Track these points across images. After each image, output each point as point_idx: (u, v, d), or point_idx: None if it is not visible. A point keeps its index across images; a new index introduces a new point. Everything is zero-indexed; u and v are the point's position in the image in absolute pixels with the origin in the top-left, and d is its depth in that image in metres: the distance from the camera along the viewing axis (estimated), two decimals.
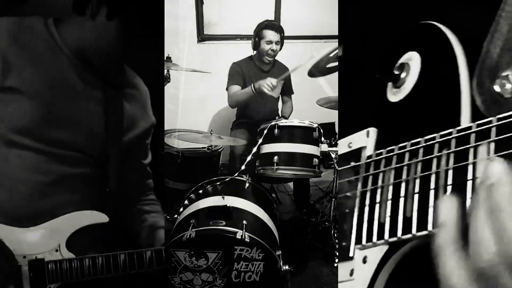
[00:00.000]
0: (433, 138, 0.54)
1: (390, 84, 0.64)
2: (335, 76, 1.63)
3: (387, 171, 0.59)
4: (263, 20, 2.42)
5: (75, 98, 0.89)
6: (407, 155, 0.57)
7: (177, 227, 1.50)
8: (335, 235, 1.91)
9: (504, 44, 0.54)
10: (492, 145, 0.46)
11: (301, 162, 1.69)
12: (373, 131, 0.65)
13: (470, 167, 0.48)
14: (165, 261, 0.95)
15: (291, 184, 2.74)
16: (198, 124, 2.89)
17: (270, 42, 2.36)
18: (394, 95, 0.64)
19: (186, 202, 1.72)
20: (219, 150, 2.25)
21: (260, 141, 1.77)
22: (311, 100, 2.26)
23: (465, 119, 0.55)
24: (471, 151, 0.49)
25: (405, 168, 0.57)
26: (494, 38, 0.55)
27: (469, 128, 0.50)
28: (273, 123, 1.74)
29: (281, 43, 2.40)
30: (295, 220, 2.46)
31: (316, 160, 1.69)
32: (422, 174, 0.54)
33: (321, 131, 1.76)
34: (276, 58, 2.54)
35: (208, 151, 2.07)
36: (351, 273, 0.59)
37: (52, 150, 0.86)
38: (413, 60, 0.63)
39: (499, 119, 0.47)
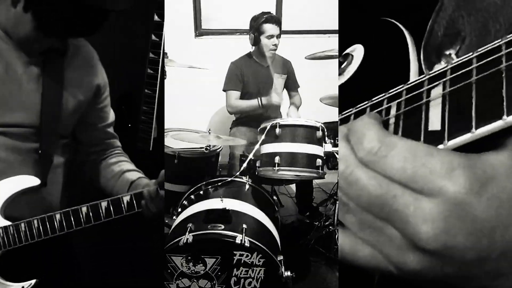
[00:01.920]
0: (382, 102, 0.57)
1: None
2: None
3: None
4: (259, 12, 2.43)
5: (15, 80, 0.94)
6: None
7: (174, 231, 1.50)
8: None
9: (448, 24, 0.59)
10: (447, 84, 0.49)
11: (303, 162, 1.69)
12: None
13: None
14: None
15: (293, 186, 2.74)
16: (196, 123, 2.89)
17: (272, 36, 2.36)
18: (339, 80, 0.74)
19: (182, 205, 1.72)
20: (218, 150, 2.25)
21: (260, 140, 1.77)
22: (315, 98, 2.26)
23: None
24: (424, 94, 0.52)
25: None
26: (439, 17, 0.60)
27: (421, 79, 0.52)
28: (274, 121, 1.74)
29: (280, 35, 2.42)
30: (298, 223, 2.46)
31: (320, 160, 1.69)
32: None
33: (325, 130, 1.76)
34: (278, 53, 2.54)
35: (206, 152, 2.07)
36: None
37: None
38: (356, 50, 0.70)
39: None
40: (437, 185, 0.41)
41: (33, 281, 0.99)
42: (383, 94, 0.55)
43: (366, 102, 0.57)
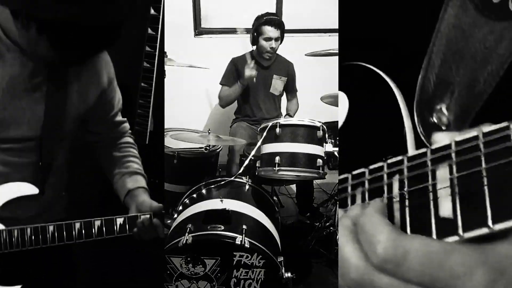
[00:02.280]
0: (381, 167, 0.55)
1: None
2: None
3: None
4: (262, 12, 2.43)
5: (17, 91, 0.92)
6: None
7: (173, 232, 1.50)
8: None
9: (437, 78, 0.60)
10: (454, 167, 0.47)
11: (304, 162, 1.69)
12: None
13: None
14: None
15: (293, 187, 2.74)
16: (195, 122, 2.90)
17: (269, 39, 2.36)
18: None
19: (182, 205, 1.72)
20: (217, 150, 2.25)
21: (260, 140, 1.77)
22: (315, 97, 2.26)
23: (411, 148, 0.60)
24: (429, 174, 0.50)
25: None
26: (428, 72, 0.60)
27: (424, 154, 0.51)
28: (274, 121, 1.74)
29: (281, 38, 2.40)
30: (298, 224, 2.46)
31: (320, 160, 1.69)
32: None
33: (326, 130, 1.76)
34: (278, 52, 2.54)
35: (205, 152, 2.07)
36: None
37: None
38: (341, 101, 0.70)
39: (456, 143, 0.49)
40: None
41: (18, 287, 1.00)
42: (381, 163, 0.54)
43: (363, 169, 0.56)
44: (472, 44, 0.58)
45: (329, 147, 1.74)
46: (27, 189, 0.99)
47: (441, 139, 0.50)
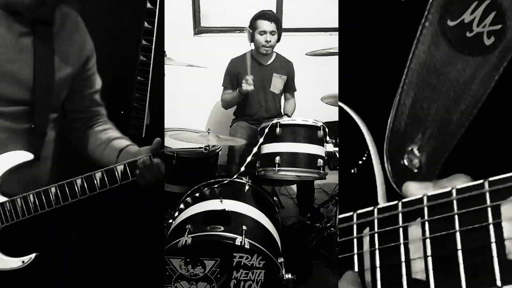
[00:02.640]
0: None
1: None
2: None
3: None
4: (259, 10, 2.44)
5: (6, 51, 0.95)
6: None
7: (172, 232, 1.50)
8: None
9: (408, 117, 0.58)
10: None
11: (304, 163, 1.69)
12: None
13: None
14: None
15: (294, 187, 2.74)
16: (195, 122, 2.89)
17: (264, 32, 2.37)
18: None
19: (181, 206, 1.72)
20: (217, 150, 2.25)
21: (261, 140, 1.77)
22: (316, 97, 2.26)
23: (382, 198, 0.59)
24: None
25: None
26: (398, 113, 0.58)
27: (395, 206, 0.50)
28: (274, 121, 1.74)
29: (277, 33, 2.41)
30: (299, 225, 2.46)
31: (321, 161, 1.69)
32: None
33: (326, 130, 1.76)
34: (278, 51, 2.54)
35: (205, 152, 2.07)
36: None
37: None
38: None
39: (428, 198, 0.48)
40: None
41: (33, 255, 1.02)
42: (352, 212, 0.54)
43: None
44: (445, 81, 0.56)
45: (330, 147, 1.74)
46: (24, 156, 1.01)
47: (412, 190, 0.49)
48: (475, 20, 0.53)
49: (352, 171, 0.65)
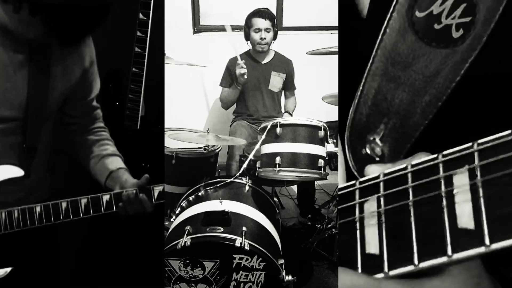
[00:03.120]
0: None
1: None
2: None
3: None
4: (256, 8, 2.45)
5: (3, 70, 0.95)
6: None
7: (171, 234, 1.50)
8: None
9: (370, 108, 0.59)
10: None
11: (305, 163, 1.69)
12: None
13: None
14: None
15: (294, 187, 2.74)
16: (194, 122, 2.89)
17: (259, 30, 2.39)
18: None
19: (180, 207, 1.72)
20: (217, 150, 2.25)
21: (261, 140, 1.77)
22: (316, 97, 2.26)
23: (342, 181, 0.61)
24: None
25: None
26: (360, 103, 0.59)
27: (353, 185, 0.51)
28: (275, 121, 1.74)
29: (273, 30, 2.42)
30: (299, 226, 2.46)
31: (322, 161, 1.69)
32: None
33: (327, 129, 1.76)
34: (279, 50, 2.54)
35: (204, 152, 2.07)
36: None
37: None
38: None
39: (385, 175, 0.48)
40: None
41: (8, 269, 1.02)
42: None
43: None
44: (410, 73, 0.56)
45: (330, 147, 1.74)
46: (13, 172, 1.01)
47: (373, 171, 0.50)
48: (444, 11, 0.53)
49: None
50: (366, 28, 0.67)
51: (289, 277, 1.34)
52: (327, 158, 1.73)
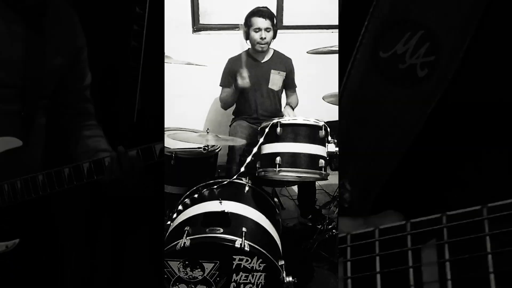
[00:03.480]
0: None
1: None
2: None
3: None
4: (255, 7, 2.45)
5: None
6: None
7: (170, 235, 1.50)
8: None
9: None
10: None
11: (306, 163, 1.68)
12: None
13: None
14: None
15: (295, 188, 2.74)
16: (193, 122, 2.89)
17: (259, 30, 2.38)
18: None
19: (180, 207, 1.72)
20: (216, 150, 2.25)
21: (261, 140, 1.77)
22: (317, 96, 2.26)
23: None
24: None
25: None
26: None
27: None
28: (275, 120, 1.74)
29: (273, 29, 2.42)
30: (300, 227, 2.46)
31: (323, 161, 1.69)
32: None
33: (328, 129, 1.76)
34: (279, 49, 2.54)
35: (204, 152, 2.07)
36: None
37: None
38: None
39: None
40: None
41: (16, 240, 1.04)
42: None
43: None
44: (375, 113, 0.55)
45: (331, 147, 1.73)
46: (12, 142, 1.03)
47: (343, 227, 0.50)
48: (408, 51, 0.52)
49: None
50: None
51: (290, 278, 1.34)
52: (327, 158, 1.73)
